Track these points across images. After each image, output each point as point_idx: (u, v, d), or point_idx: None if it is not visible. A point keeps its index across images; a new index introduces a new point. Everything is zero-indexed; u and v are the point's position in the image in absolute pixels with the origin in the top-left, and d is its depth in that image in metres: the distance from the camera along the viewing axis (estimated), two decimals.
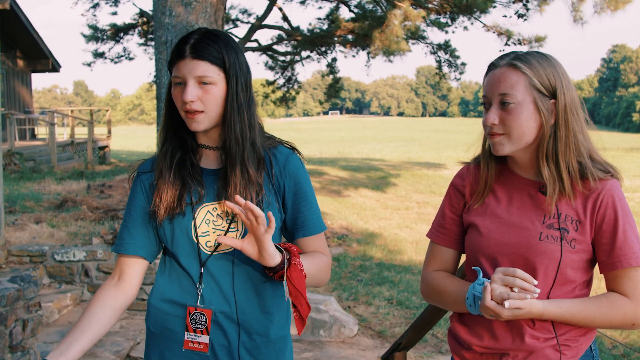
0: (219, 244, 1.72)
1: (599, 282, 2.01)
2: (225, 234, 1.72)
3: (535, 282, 1.56)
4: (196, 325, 1.73)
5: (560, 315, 1.64)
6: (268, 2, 16.14)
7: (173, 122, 1.79)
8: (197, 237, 1.73)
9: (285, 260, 1.62)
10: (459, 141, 40.15)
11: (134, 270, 1.82)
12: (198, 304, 1.73)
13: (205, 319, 1.72)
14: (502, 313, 1.57)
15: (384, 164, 24.04)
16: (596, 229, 1.68)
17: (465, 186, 1.86)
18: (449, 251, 1.88)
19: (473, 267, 1.72)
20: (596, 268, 1.75)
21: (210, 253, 1.73)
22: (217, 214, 1.74)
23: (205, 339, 1.72)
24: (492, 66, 1.70)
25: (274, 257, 1.60)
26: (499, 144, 1.70)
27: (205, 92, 1.68)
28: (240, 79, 1.72)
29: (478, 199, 1.81)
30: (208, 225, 1.74)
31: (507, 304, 1.54)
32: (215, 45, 1.69)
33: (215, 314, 1.72)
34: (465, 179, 1.86)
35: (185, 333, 1.74)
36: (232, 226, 1.73)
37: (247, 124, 1.73)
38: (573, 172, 1.68)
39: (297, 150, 1.85)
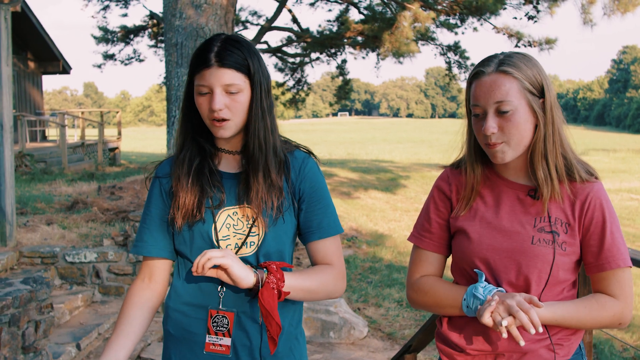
0: (239, 247, 1.72)
1: None
2: (245, 238, 1.72)
3: (541, 330, 1.53)
4: (218, 328, 1.72)
5: (554, 320, 1.65)
6: (278, 4, 16.18)
7: (190, 128, 1.78)
8: (217, 241, 1.72)
9: (260, 280, 1.62)
10: None
11: (163, 270, 1.83)
12: (220, 306, 1.72)
13: (227, 322, 1.71)
14: (495, 330, 1.58)
15: (394, 165, 24.01)
16: (584, 232, 1.69)
17: (452, 191, 1.84)
18: (436, 256, 1.86)
19: (475, 270, 1.72)
20: None
21: None
22: (238, 218, 1.73)
23: (227, 341, 1.72)
24: (480, 74, 1.67)
25: (244, 278, 1.59)
26: (500, 153, 1.68)
27: (232, 99, 1.67)
28: (264, 85, 1.72)
29: (465, 204, 1.79)
30: (229, 229, 1.73)
31: (503, 326, 1.54)
32: (239, 52, 1.67)
33: (238, 315, 1.72)
34: (452, 183, 1.84)
35: (207, 336, 1.73)
36: (252, 230, 1.72)
37: (269, 129, 1.73)
38: (560, 171, 1.68)
39: (313, 154, 1.85)
